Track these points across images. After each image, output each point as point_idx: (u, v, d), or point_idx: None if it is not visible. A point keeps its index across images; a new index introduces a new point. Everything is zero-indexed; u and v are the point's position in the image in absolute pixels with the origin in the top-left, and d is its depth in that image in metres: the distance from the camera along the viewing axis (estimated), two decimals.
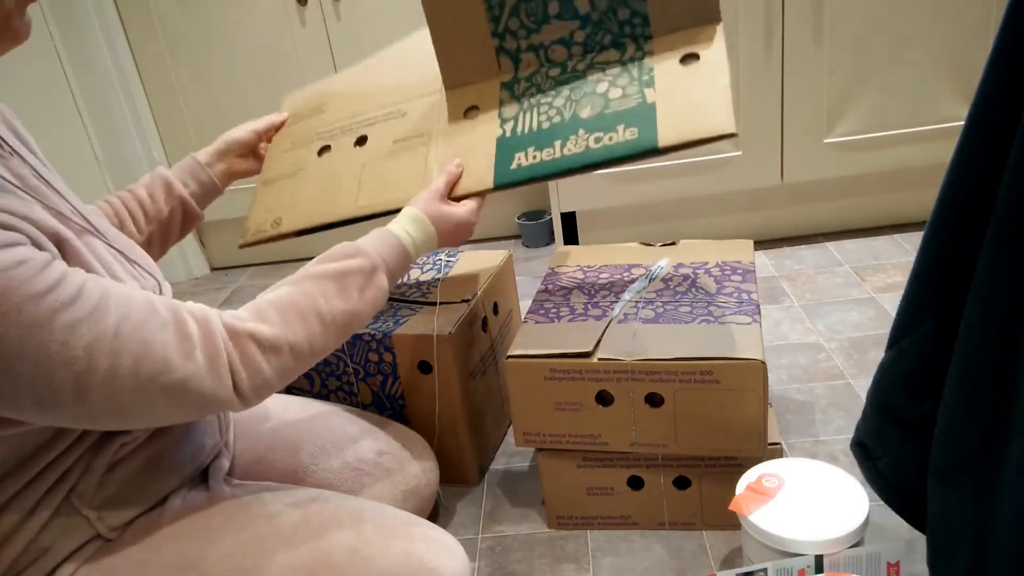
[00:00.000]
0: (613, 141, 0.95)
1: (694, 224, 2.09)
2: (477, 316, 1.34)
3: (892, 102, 1.88)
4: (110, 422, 0.74)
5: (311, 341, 0.82)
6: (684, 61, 0.96)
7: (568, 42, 1.03)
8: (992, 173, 0.66)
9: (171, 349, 0.73)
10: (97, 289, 0.71)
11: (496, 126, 1.05)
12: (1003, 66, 0.65)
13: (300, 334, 0.81)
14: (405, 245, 0.96)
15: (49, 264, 0.68)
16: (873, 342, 1.59)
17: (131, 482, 0.84)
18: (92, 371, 0.69)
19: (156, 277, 0.91)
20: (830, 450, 1.31)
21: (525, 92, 1.05)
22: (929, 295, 0.76)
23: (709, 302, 1.19)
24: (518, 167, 1.00)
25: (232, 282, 2.42)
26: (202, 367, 0.74)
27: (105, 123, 2.24)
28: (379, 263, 0.90)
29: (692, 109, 0.93)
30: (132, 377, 0.71)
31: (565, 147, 0.98)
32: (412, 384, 1.29)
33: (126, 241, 0.91)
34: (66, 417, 0.71)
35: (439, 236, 1.01)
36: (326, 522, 0.87)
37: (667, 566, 1.14)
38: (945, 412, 0.73)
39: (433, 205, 1.01)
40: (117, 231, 0.92)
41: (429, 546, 0.87)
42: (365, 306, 0.88)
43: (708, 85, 0.94)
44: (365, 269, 0.88)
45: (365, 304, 0.88)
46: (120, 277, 0.81)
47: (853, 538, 0.91)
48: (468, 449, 1.32)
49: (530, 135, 1.01)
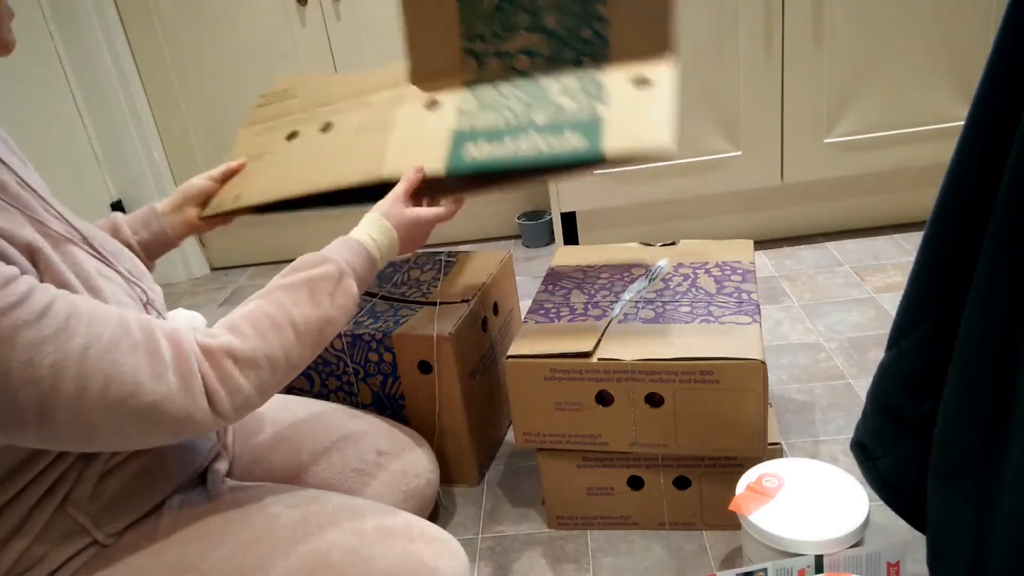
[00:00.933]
0: (562, 147, 1.00)
1: (694, 224, 2.09)
2: (477, 316, 1.34)
3: (892, 102, 1.88)
4: (78, 444, 0.72)
5: (287, 352, 0.81)
6: (637, 84, 1.03)
7: (532, 53, 1.09)
8: (992, 173, 0.66)
9: (142, 371, 0.71)
10: (65, 308, 0.69)
11: (454, 119, 1.09)
12: (1003, 66, 0.65)
13: (276, 345, 0.80)
14: (369, 249, 0.95)
15: (15, 279, 0.67)
16: (873, 342, 1.59)
17: (126, 488, 0.83)
18: (57, 392, 0.67)
19: (142, 284, 0.89)
20: (830, 450, 1.31)
21: (486, 93, 1.10)
22: (929, 295, 0.76)
23: (709, 302, 1.18)
24: (471, 159, 1.03)
25: (232, 282, 2.42)
26: (174, 389, 0.72)
27: (105, 123, 2.25)
28: (346, 268, 0.89)
29: (638, 126, 0.98)
30: (100, 399, 0.69)
31: (517, 146, 1.02)
32: (412, 384, 1.29)
33: (114, 246, 0.91)
34: (30, 438, 0.69)
35: (401, 242, 0.99)
36: (325, 523, 0.87)
37: (667, 566, 1.14)
38: (945, 412, 0.73)
39: (396, 208, 0.99)
40: (106, 236, 0.91)
41: (429, 546, 0.87)
42: (337, 312, 0.87)
43: (656, 107, 0.99)
44: (333, 275, 0.87)
45: (337, 310, 0.87)
46: (100, 288, 0.79)
47: (853, 538, 0.91)
48: (468, 449, 1.32)
49: (485, 131, 1.05)
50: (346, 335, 1.28)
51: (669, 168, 1.96)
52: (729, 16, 1.81)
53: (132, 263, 0.91)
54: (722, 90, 1.89)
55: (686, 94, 1.89)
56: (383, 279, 1.46)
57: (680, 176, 1.97)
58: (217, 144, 2.30)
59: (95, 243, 0.85)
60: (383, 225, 0.97)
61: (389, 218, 0.98)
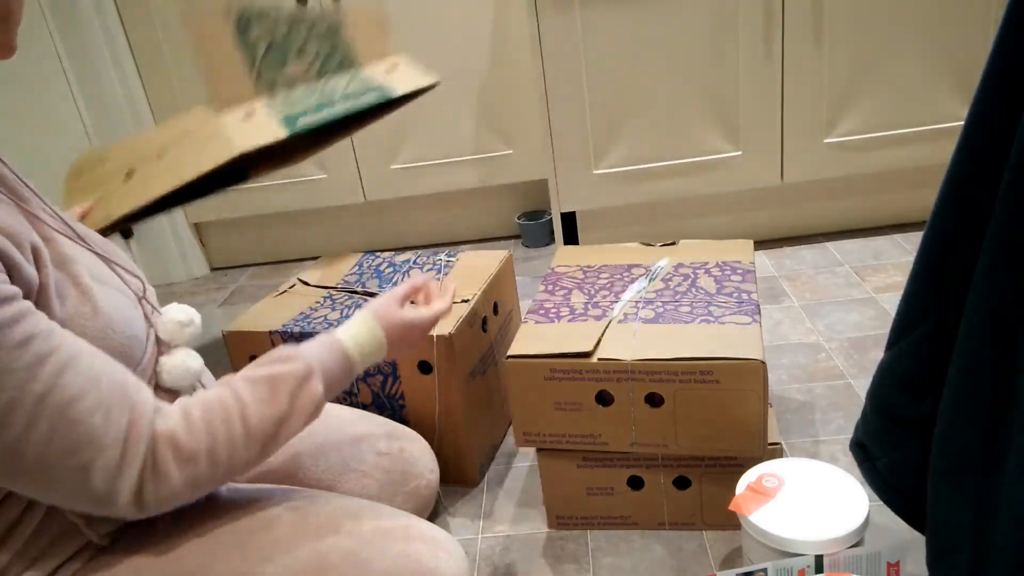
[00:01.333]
0: (367, 100, 1.39)
1: (694, 224, 2.09)
2: (477, 316, 1.34)
3: (892, 102, 1.88)
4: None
5: (232, 449, 0.78)
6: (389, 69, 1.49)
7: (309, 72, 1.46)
8: (992, 173, 0.66)
9: (92, 436, 0.69)
10: (46, 347, 0.67)
11: (276, 112, 1.35)
12: (1003, 66, 0.65)
13: (222, 440, 0.77)
14: (348, 351, 0.91)
15: (9, 301, 0.66)
16: (873, 342, 1.59)
17: None
18: (2, 427, 0.66)
19: (140, 277, 0.89)
20: (830, 450, 1.31)
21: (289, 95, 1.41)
22: (929, 295, 0.76)
23: (709, 302, 1.18)
24: (304, 124, 1.32)
25: (232, 282, 2.42)
26: (112, 464, 0.70)
27: (104, 122, 2.24)
28: (316, 368, 0.85)
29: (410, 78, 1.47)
30: (40, 448, 0.67)
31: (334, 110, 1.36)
32: (412, 384, 1.29)
33: (106, 243, 0.90)
34: None
35: (389, 344, 0.95)
36: (323, 524, 0.87)
37: (667, 566, 1.14)
38: (945, 412, 0.73)
39: (390, 310, 0.96)
40: (96, 233, 0.90)
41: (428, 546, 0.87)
42: (296, 413, 0.82)
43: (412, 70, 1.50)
44: (300, 375, 0.83)
45: (296, 411, 0.82)
46: (104, 279, 0.79)
47: (853, 538, 0.91)
48: (468, 449, 1.32)
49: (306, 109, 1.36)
50: None
51: (669, 168, 1.96)
52: (729, 16, 1.81)
53: (124, 260, 0.91)
54: (722, 90, 1.89)
55: (686, 94, 1.89)
56: (383, 280, 1.46)
57: (680, 176, 1.97)
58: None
59: (89, 239, 0.85)
60: (371, 327, 0.94)
61: (380, 319, 0.94)
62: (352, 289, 1.44)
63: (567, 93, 1.90)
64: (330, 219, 2.43)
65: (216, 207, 2.35)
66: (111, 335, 0.77)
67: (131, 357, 0.79)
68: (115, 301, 0.80)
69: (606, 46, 1.85)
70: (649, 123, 1.93)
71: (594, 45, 1.85)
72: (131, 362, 0.79)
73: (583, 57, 1.86)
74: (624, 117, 1.92)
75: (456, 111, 2.21)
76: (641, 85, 1.89)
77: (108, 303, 0.78)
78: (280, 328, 1.32)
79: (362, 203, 2.36)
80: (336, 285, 1.47)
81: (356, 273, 1.50)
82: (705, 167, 1.96)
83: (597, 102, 1.91)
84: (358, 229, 2.45)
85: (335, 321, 1.32)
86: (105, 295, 0.79)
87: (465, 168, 2.28)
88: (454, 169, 2.28)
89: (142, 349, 0.82)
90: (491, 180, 2.30)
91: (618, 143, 1.95)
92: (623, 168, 1.97)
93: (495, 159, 2.27)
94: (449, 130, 2.24)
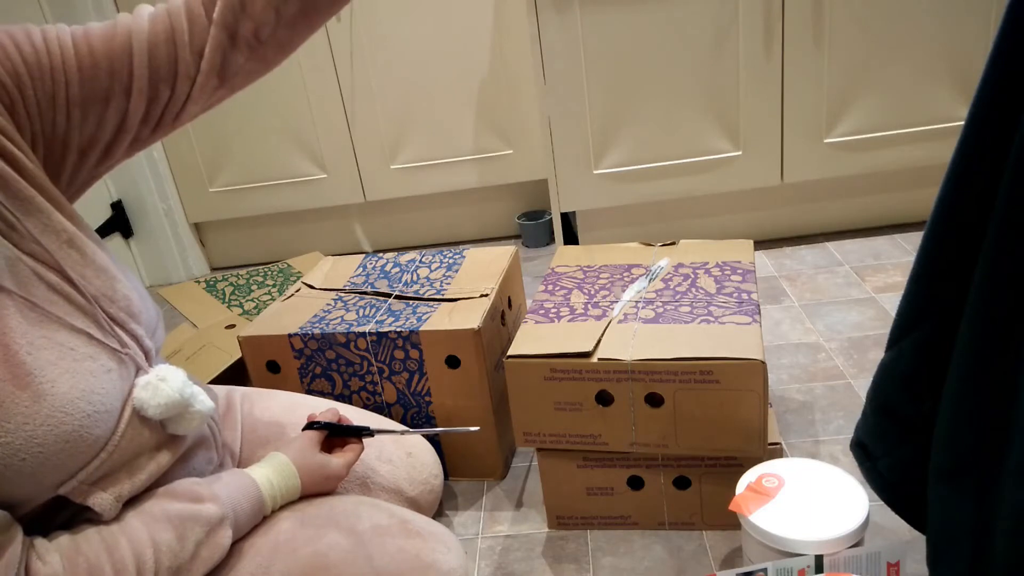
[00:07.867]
0: None
1: (694, 224, 2.09)
2: (497, 310, 1.34)
3: (892, 102, 1.88)
4: None
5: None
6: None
7: None
8: (992, 173, 0.66)
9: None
10: None
11: None
12: (1003, 66, 0.65)
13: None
14: (263, 497, 0.87)
15: None
16: (873, 342, 1.59)
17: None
18: None
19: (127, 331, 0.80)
20: (830, 450, 1.31)
21: None
22: (929, 295, 0.76)
23: (709, 302, 1.18)
24: None
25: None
26: None
27: None
28: (228, 515, 0.82)
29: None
30: None
31: None
32: (439, 381, 1.29)
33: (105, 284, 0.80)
34: None
35: (303, 490, 0.92)
36: (323, 523, 0.87)
37: (667, 566, 1.14)
38: (945, 412, 0.73)
39: (307, 453, 0.93)
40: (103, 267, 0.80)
41: (425, 541, 0.87)
42: (197, 565, 0.79)
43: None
44: (212, 520, 0.80)
45: (197, 562, 0.79)
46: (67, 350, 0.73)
47: (853, 538, 0.91)
48: (495, 442, 1.33)
49: None
50: (371, 334, 1.28)
51: (669, 168, 1.96)
52: (729, 16, 1.81)
53: (129, 307, 0.81)
54: (722, 90, 1.89)
55: (686, 94, 1.89)
56: (391, 280, 1.45)
57: (680, 176, 1.97)
58: (217, 144, 2.30)
59: (72, 274, 0.76)
60: (288, 471, 0.91)
61: (296, 462, 0.92)
62: (361, 291, 1.44)
63: (567, 93, 1.90)
64: (330, 219, 2.43)
65: (216, 207, 2.35)
66: (64, 418, 0.71)
67: (91, 440, 0.73)
68: (73, 379, 0.73)
69: (606, 46, 1.85)
70: (649, 123, 1.93)
71: (594, 45, 1.85)
72: (93, 445, 0.74)
73: (583, 57, 1.86)
74: (624, 117, 1.92)
75: (456, 111, 2.21)
76: (641, 85, 1.89)
77: (59, 385, 0.71)
78: (299, 331, 1.31)
79: (362, 203, 2.36)
80: (343, 287, 1.47)
81: (362, 274, 1.50)
82: (705, 167, 1.96)
83: (597, 102, 1.91)
84: (358, 229, 2.45)
85: (352, 322, 1.31)
86: (56, 374, 0.72)
87: (465, 168, 2.28)
88: (454, 169, 2.28)
89: (110, 425, 0.75)
90: (491, 180, 2.30)
91: (618, 143, 1.95)
92: (623, 168, 1.97)
93: (495, 159, 2.27)
94: (449, 130, 2.24)
